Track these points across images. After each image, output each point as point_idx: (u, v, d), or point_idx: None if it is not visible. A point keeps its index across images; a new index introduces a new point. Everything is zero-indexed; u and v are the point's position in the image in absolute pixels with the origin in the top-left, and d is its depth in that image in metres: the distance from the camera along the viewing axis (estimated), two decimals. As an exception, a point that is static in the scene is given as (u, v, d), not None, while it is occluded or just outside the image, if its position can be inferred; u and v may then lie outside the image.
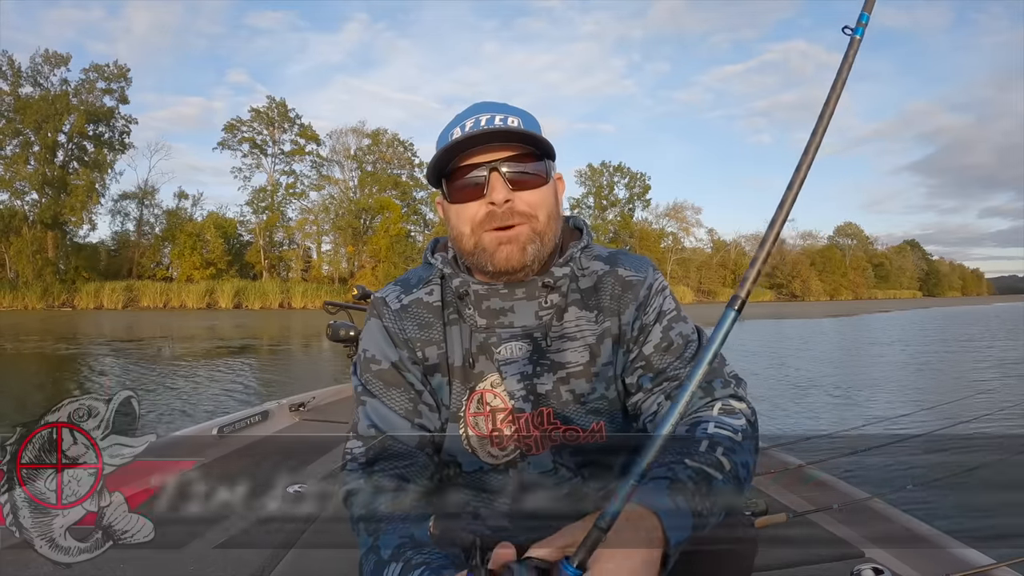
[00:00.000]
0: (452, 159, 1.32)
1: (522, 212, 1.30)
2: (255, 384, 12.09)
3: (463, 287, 1.40)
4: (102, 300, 51.23)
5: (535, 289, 1.37)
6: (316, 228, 64.58)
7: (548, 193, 1.35)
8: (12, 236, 52.13)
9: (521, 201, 1.30)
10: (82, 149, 57.19)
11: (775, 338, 24.70)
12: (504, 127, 1.30)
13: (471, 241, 1.33)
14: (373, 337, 1.43)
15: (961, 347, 20.48)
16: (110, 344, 20.64)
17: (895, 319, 39.93)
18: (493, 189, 1.28)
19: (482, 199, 1.30)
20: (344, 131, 67.72)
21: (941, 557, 2.40)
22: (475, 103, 1.41)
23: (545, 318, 1.38)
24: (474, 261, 1.36)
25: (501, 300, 1.38)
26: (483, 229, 1.31)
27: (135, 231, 62.35)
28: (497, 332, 1.38)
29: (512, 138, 1.30)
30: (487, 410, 1.38)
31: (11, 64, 53.90)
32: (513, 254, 1.30)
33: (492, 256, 1.31)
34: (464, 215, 1.33)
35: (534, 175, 1.32)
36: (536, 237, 1.32)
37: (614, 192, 79.11)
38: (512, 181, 1.29)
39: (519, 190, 1.30)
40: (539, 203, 1.32)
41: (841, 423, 8.16)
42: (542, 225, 1.33)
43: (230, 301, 52.89)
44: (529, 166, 1.32)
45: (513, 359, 1.37)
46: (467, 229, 1.33)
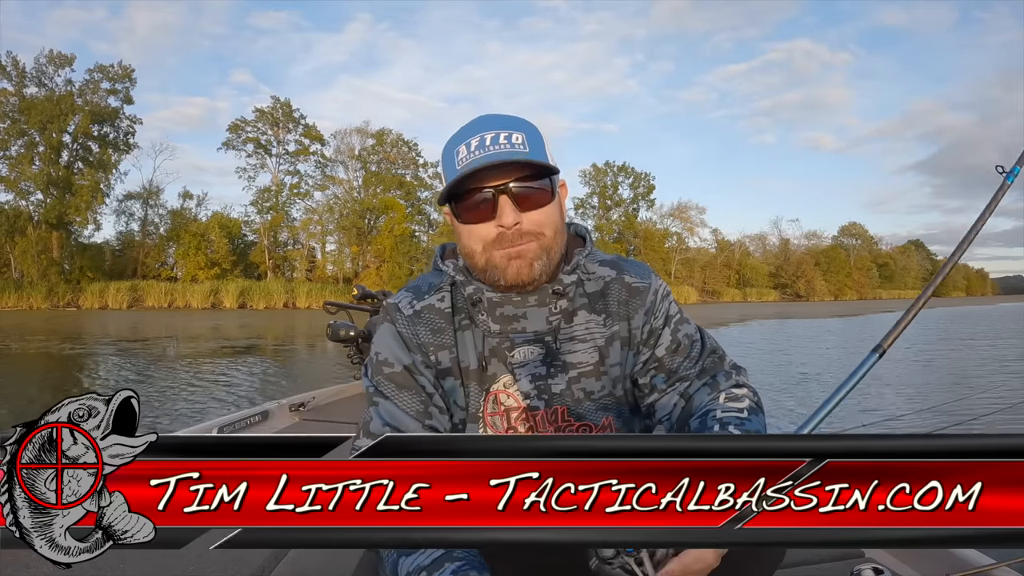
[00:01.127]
0: (463, 182, 1.36)
1: (530, 232, 1.37)
2: (259, 384, 12.11)
3: (477, 294, 1.46)
4: (107, 300, 51.23)
5: (546, 296, 1.45)
6: (320, 228, 64.57)
7: (554, 210, 1.41)
8: (17, 236, 52.18)
9: (529, 221, 1.37)
10: (87, 149, 57.25)
11: (783, 337, 24.64)
12: (509, 150, 1.35)
13: (483, 259, 1.40)
14: (386, 341, 1.48)
15: (964, 347, 20.43)
16: (116, 344, 20.69)
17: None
18: (502, 213, 1.35)
19: (492, 220, 1.36)
20: (348, 131, 67.76)
21: (941, 557, 2.39)
22: (479, 116, 1.45)
23: (555, 322, 1.47)
24: (486, 277, 1.43)
25: (514, 307, 1.45)
26: (494, 248, 1.38)
27: (140, 231, 62.39)
28: (511, 337, 1.46)
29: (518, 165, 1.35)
30: (501, 409, 1.47)
31: (15, 64, 53.95)
32: (523, 269, 1.37)
33: (504, 272, 1.38)
34: (475, 235, 1.39)
35: (540, 191, 1.38)
36: (543, 253, 1.39)
37: (618, 192, 79.09)
38: (519, 200, 1.36)
39: (526, 209, 1.37)
40: (546, 221, 1.39)
41: (841, 423, 8.15)
42: (549, 241, 1.40)
43: (235, 301, 52.86)
44: (535, 183, 1.37)
45: (526, 362, 1.45)
46: (478, 248, 1.40)
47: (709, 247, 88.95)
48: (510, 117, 1.44)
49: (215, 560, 2.31)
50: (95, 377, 13.13)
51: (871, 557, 2.56)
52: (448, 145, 1.42)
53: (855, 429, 6.53)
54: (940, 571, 2.32)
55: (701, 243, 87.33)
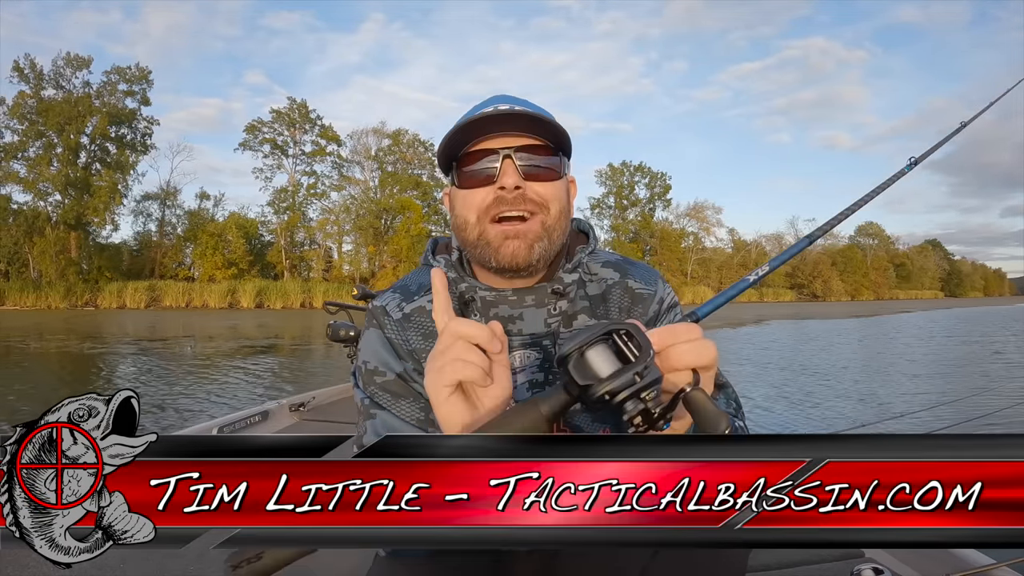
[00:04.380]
0: (466, 142, 1.29)
1: (532, 201, 1.27)
2: (276, 381, 12.14)
3: (469, 292, 1.36)
4: (124, 300, 51.66)
5: (544, 296, 1.34)
6: (337, 228, 64.96)
7: (561, 188, 1.32)
8: (36, 236, 52.77)
9: (532, 190, 1.27)
10: (104, 150, 57.90)
11: (796, 338, 24.55)
12: (522, 111, 1.27)
13: (475, 231, 1.30)
14: (374, 348, 1.39)
15: (979, 347, 20.30)
16: (137, 343, 20.80)
17: (916, 319, 39.57)
18: (504, 174, 1.25)
19: (492, 186, 1.26)
20: (365, 131, 68.26)
21: (941, 557, 2.39)
22: (495, 95, 1.38)
23: (554, 325, 1.35)
24: (477, 255, 1.32)
25: (510, 307, 1.35)
26: (489, 217, 1.27)
27: (157, 231, 63.03)
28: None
29: (530, 124, 1.27)
30: None
31: (33, 67, 54.60)
32: (520, 250, 1.26)
33: (496, 251, 1.27)
34: (471, 201, 1.29)
35: (547, 168, 1.29)
36: (545, 234, 1.28)
37: (635, 192, 79.14)
38: (525, 171, 1.26)
39: (532, 179, 1.27)
40: (551, 196, 1.29)
41: (841, 423, 8.13)
42: (552, 219, 1.29)
43: (252, 301, 53.18)
44: (543, 159, 1.28)
45: (523, 367, 1.34)
46: (472, 217, 1.29)
47: (725, 247, 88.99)
48: (528, 100, 1.37)
49: (215, 560, 2.31)
50: (114, 376, 13.21)
51: (871, 557, 2.56)
52: (460, 119, 1.32)
53: (855, 429, 6.53)
54: (940, 571, 2.31)
55: (717, 243, 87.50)
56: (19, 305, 48.51)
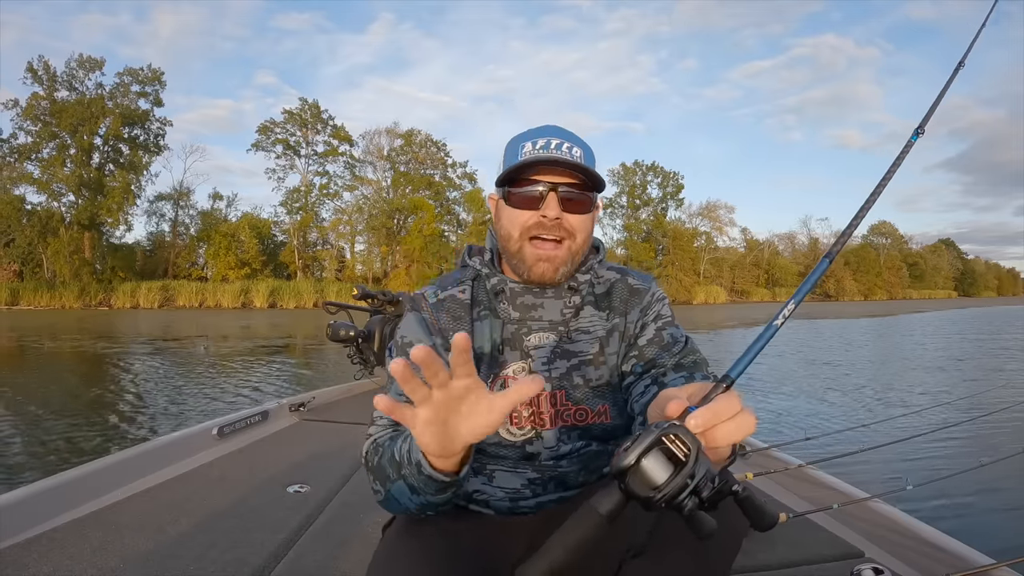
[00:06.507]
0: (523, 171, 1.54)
1: (566, 228, 1.55)
2: (284, 381, 12.16)
3: (500, 285, 1.64)
4: (138, 300, 51.83)
5: (562, 290, 1.64)
6: (350, 228, 64.91)
7: (589, 220, 1.61)
8: (50, 237, 52.99)
9: (567, 220, 1.55)
10: (118, 151, 58.07)
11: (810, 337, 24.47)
12: (570, 158, 1.53)
13: (516, 245, 1.57)
14: (411, 326, 1.63)
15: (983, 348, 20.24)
16: (152, 343, 20.87)
17: (928, 319, 39.38)
18: (548, 206, 1.53)
19: (536, 211, 1.54)
20: (377, 132, 68.19)
21: (941, 557, 2.40)
22: (547, 124, 1.63)
23: (567, 315, 1.63)
24: (513, 264, 1.61)
25: (533, 297, 1.63)
26: (528, 235, 1.56)
27: (170, 232, 63.15)
28: (528, 324, 1.62)
29: (576, 168, 1.53)
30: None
31: (47, 69, 54.83)
32: (547, 272, 1.56)
33: (530, 268, 1.57)
34: (516, 220, 1.57)
35: (584, 200, 1.57)
36: (570, 258, 1.58)
37: (647, 191, 78.85)
38: (564, 202, 1.54)
39: (569, 211, 1.55)
40: (581, 227, 1.58)
41: (841, 424, 8.11)
42: (578, 245, 1.59)
43: (265, 301, 53.24)
44: (579, 194, 1.55)
45: (542, 345, 1.60)
46: (516, 232, 1.57)
47: (738, 246, 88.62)
48: (574, 134, 1.61)
49: (215, 560, 2.33)
50: (133, 374, 13.27)
51: (871, 557, 2.57)
52: (514, 139, 1.61)
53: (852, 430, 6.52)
54: (940, 571, 2.33)
55: (730, 242, 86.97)
56: (33, 305, 48.77)
